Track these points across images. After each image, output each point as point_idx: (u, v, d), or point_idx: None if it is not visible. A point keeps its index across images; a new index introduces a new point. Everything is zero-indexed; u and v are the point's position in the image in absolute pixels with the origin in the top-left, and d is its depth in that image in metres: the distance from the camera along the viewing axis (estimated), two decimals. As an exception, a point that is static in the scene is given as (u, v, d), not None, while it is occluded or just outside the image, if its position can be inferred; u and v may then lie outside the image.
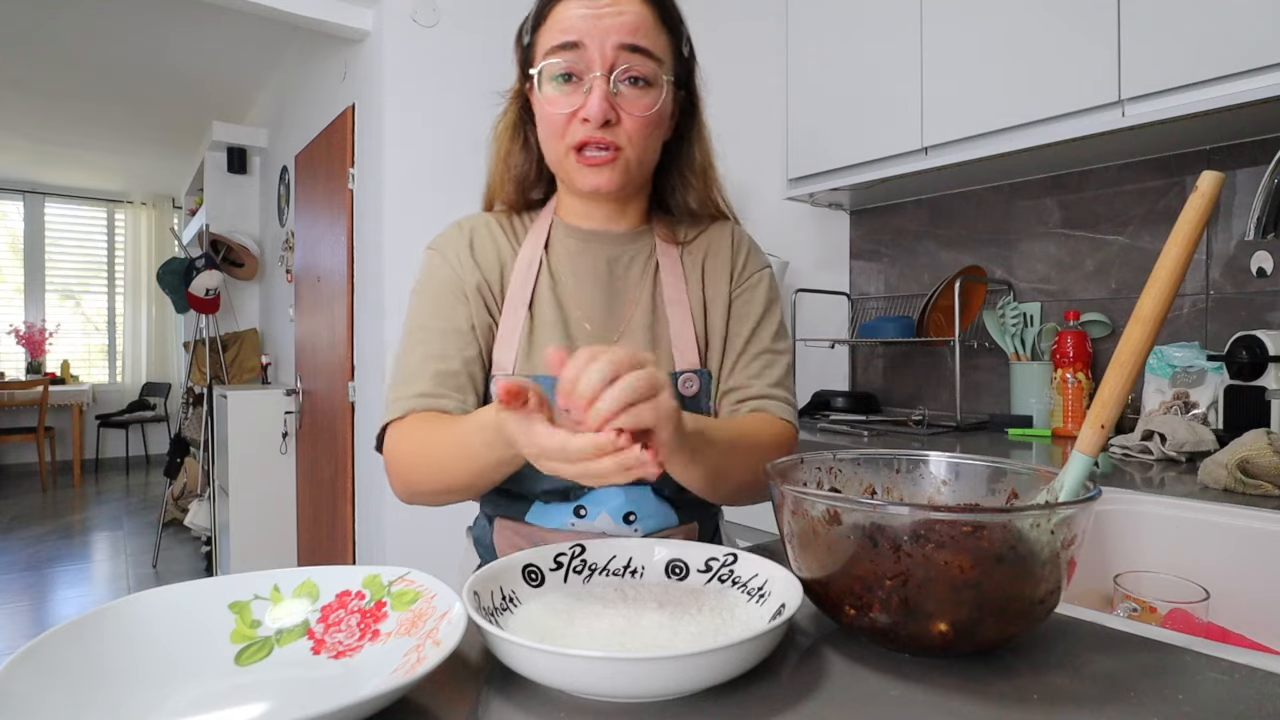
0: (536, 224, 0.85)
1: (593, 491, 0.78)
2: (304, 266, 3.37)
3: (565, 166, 0.77)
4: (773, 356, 0.85)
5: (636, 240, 0.84)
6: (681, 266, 0.85)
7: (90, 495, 5.56)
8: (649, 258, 0.84)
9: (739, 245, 0.88)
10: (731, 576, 0.57)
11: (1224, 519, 0.89)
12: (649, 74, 0.73)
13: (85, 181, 6.58)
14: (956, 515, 0.44)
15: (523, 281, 0.81)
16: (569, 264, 0.82)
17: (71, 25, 3.58)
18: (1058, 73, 1.43)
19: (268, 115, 4.33)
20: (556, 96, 0.73)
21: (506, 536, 0.82)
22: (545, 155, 0.80)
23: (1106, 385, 0.47)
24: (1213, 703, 0.40)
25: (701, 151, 0.85)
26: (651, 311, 0.82)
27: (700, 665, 0.39)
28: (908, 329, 1.94)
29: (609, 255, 0.83)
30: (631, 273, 0.83)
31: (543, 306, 0.80)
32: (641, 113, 0.74)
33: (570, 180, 0.77)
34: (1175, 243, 0.44)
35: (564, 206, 0.85)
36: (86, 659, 0.42)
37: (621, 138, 0.74)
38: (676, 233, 0.86)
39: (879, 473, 0.62)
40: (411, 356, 0.78)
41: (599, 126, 0.72)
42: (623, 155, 0.75)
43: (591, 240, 0.83)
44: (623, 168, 0.75)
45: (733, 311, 0.85)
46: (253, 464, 3.29)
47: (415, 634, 0.46)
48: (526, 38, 0.78)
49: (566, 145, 0.75)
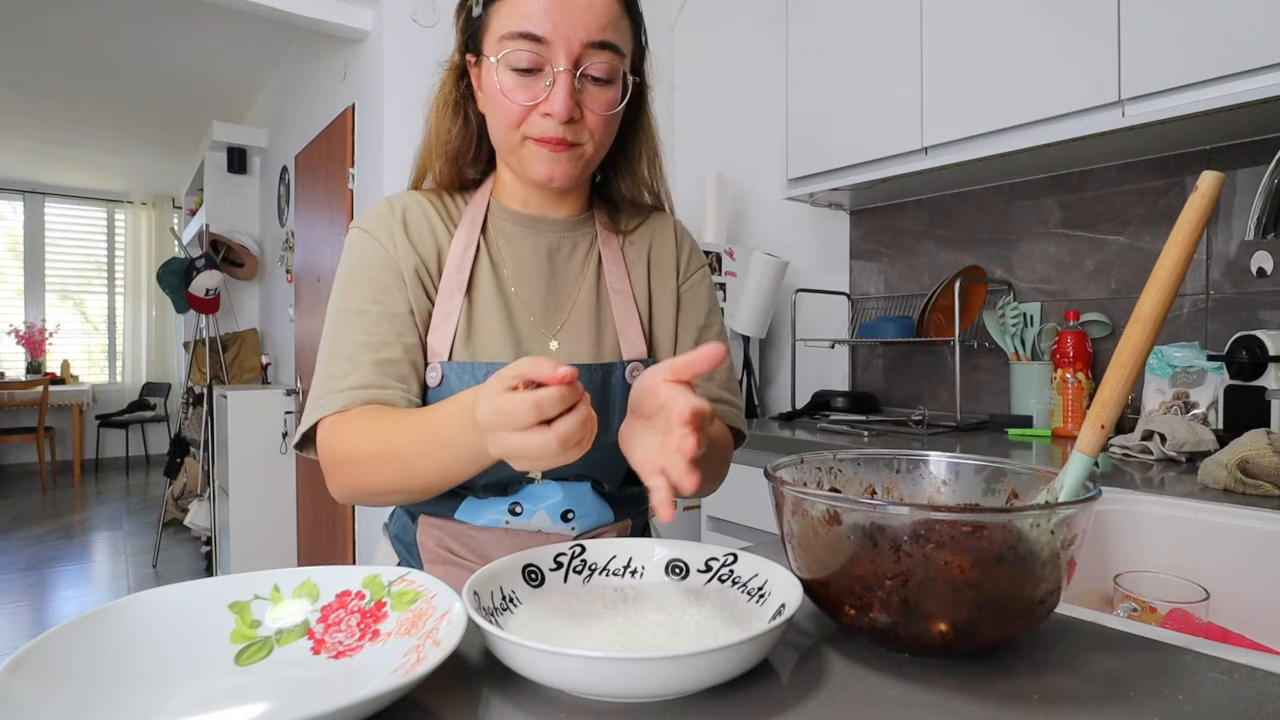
0: (472, 205, 0.80)
1: (528, 487, 0.75)
2: (304, 266, 3.37)
3: (519, 155, 0.73)
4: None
5: (577, 228, 0.82)
6: (623, 256, 0.83)
7: (90, 495, 5.56)
8: (590, 246, 0.82)
9: (682, 239, 0.88)
10: (731, 576, 0.57)
11: (1224, 519, 0.89)
12: (614, 71, 0.70)
13: (85, 181, 6.58)
14: (956, 515, 0.44)
15: (458, 264, 0.76)
16: (509, 249, 0.79)
17: (71, 25, 3.58)
18: (1058, 73, 1.43)
19: (268, 115, 4.32)
20: (515, 87, 0.69)
21: (432, 534, 0.77)
22: (494, 140, 0.76)
23: (1106, 385, 0.47)
24: (1213, 703, 0.40)
25: (648, 140, 0.83)
26: (595, 300, 0.80)
27: (700, 665, 0.39)
28: (908, 329, 1.94)
29: (550, 242, 0.80)
30: (573, 261, 0.81)
31: (482, 291, 0.77)
32: (604, 110, 0.71)
33: (522, 168, 0.74)
34: (1175, 243, 0.44)
35: (503, 189, 0.81)
36: (86, 659, 0.42)
37: (583, 134, 0.71)
38: (618, 222, 0.85)
39: (879, 473, 0.62)
40: (344, 344, 0.72)
41: (562, 124, 0.69)
42: (581, 149, 0.72)
43: (532, 226, 0.80)
44: (579, 159, 0.73)
45: (680, 306, 0.85)
46: (253, 464, 3.29)
47: (415, 634, 0.46)
48: (477, 9, 0.72)
49: (522, 135, 0.71)
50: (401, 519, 0.83)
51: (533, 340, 0.77)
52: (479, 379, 0.71)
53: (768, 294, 2.13)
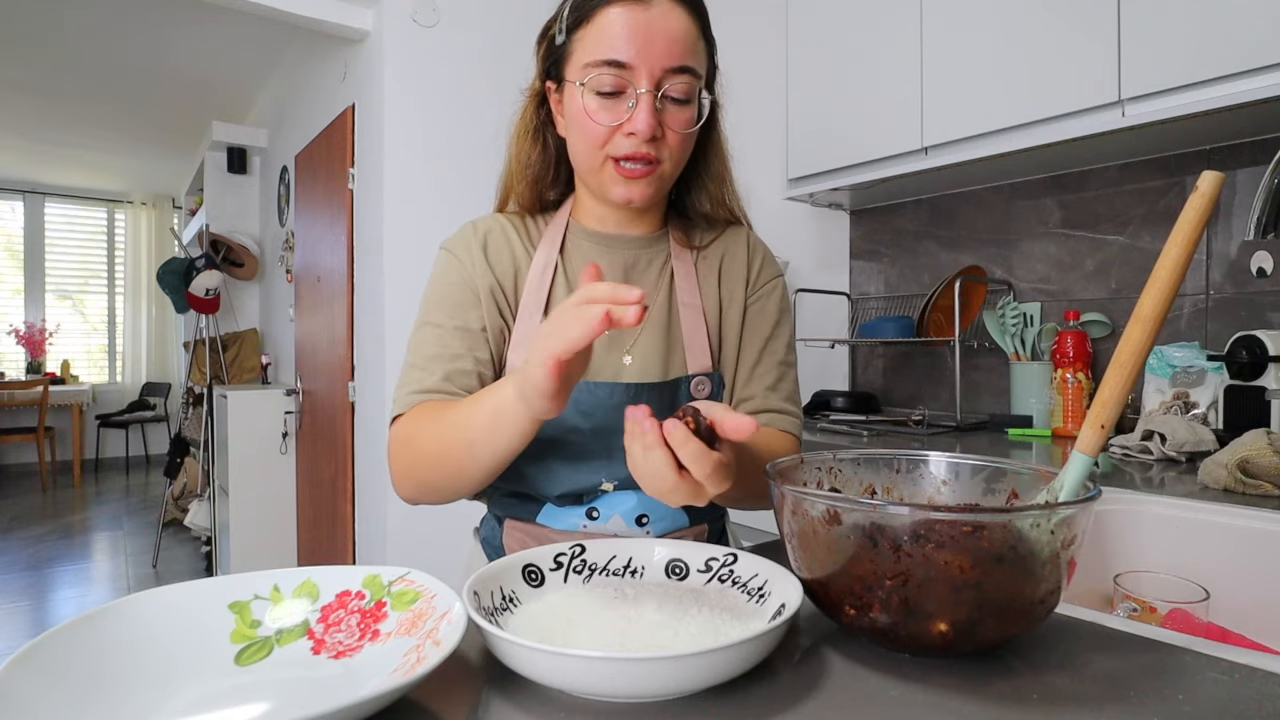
0: (551, 227, 0.83)
1: (604, 496, 0.78)
2: (304, 266, 3.37)
3: (601, 176, 0.76)
4: (785, 369, 0.87)
5: (653, 244, 0.84)
6: (695, 271, 0.85)
7: (90, 495, 5.56)
8: (665, 262, 0.84)
9: (754, 251, 0.89)
10: (731, 576, 0.57)
11: (1224, 519, 0.89)
12: (691, 92, 0.73)
13: (85, 181, 6.58)
14: (956, 515, 0.44)
15: (537, 285, 0.80)
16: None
17: (71, 25, 3.57)
18: (1058, 73, 1.43)
19: (268, 115, 4.32)
20: (599, 109, 0.72)
21: (516, 537, 0.81)
22: (575, 162, 0.79)
23: (1106, 385, 0.47)
24: (1213, 703, 0.40)
25: (719, 157, 0.85)
26: (667, 314, 0.82)
27: (700, 665, 0.39)
28: (908, 329, 1.94)
29: (626, 259, 0.83)
30: (648, 276, 0.83)
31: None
32: (683, 129, 0.74)
33: (603, 189, 0.77)
34: (1175, 243, 0.44)
35: (581, 209, 0.84)
36: (86, 659, 0.42)
37: (664, 152, 0.74)
38: (692, 237, 0.87)
39: (879, 473, 0.62)
40: (420, 354, 0.77)
41: (645, 142, 0.72)
42: (660, 169, 0.75)
43: (609, 244, 0.83)
44: (658, 181, 0.76)
45: (747, 317, 0.86)
46: (253, 464, 3.29)
47: (415, 634, 0.46)
48: (560, 37, 0.75)
49: (605, 155, 0.74)
50: (490, 523, 0.87)
51: (608, 355, 0.79)
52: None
53: (768, 294, 2.12)
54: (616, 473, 0.77)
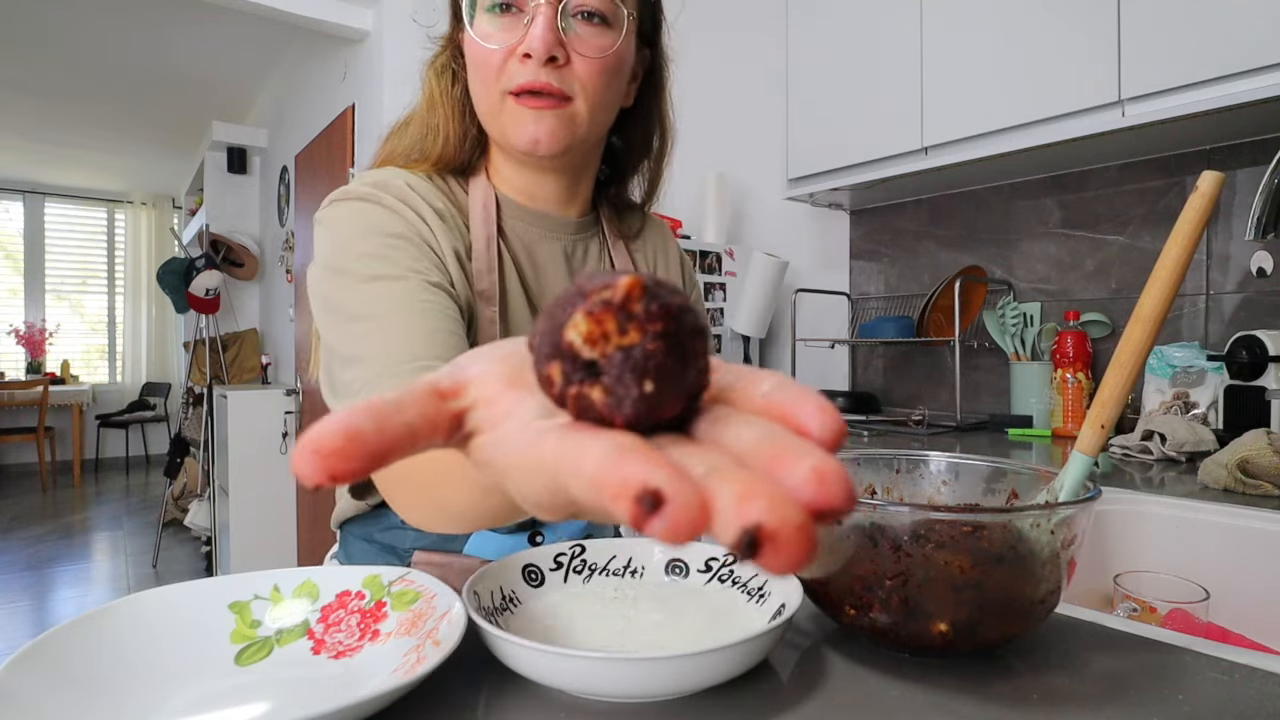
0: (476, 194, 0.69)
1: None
2: (304, 266, 3.37)
3: (500, 120, 0.63)
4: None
5: (586, 230, 0.75)
6: (633, 264, 0.77)
7: (90, 495, 5.56)
8: (600, 251, 0.76)
9: (683, 257, 0.86)
10: (731, 576, 0.57)
11: (1224, 519, 0.89)
12: (606, 9, 0.61)
13: (85, 181, 6.58)
14: (956, 515, 0.44)
15: (486, 266, 0.66)
16: (524, 252, 0.71)
17: (71, 25, 3.57)
18: (1058, 73, 1.43)
19: (268, 115, 4.32)
20: (491, 31, 0.60)
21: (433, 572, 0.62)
22: (478, 109, 0.66)
23: (1106, 385, 0.47)
24: (1213, 703, 0.40)
25: (662, 131, 0.74)
26: None
27: (700, 665, 0.39)
28: (908, 329, 1.94)
29: (565, 246, 0.73)
30: (588, 265, 0.75)
31: (513, 298, 0.68)
32: (596, 53, 0.61)
33: (504, 133, 0.64)
34: (1175, 243, 0.44)
35: (499, 177, 0.71)
36: (86, 659, 0.42)
37: (571, 83, 0.61)
38: (622, 228, 0.79)
39: (879, 473, 0.62)
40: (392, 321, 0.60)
41: (543, 64, 0.59)
42: (571, 105, 0.62)
43: (547, 227, 0.72)
44: (569, 120, 0.62)
45: None
46: (253, 464, 3.29)
47: (415, 634, 0.46)
48: None
49: (501, 90, 0.62)
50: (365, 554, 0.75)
51: None
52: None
53: (768, 294, 2.13)
54: None
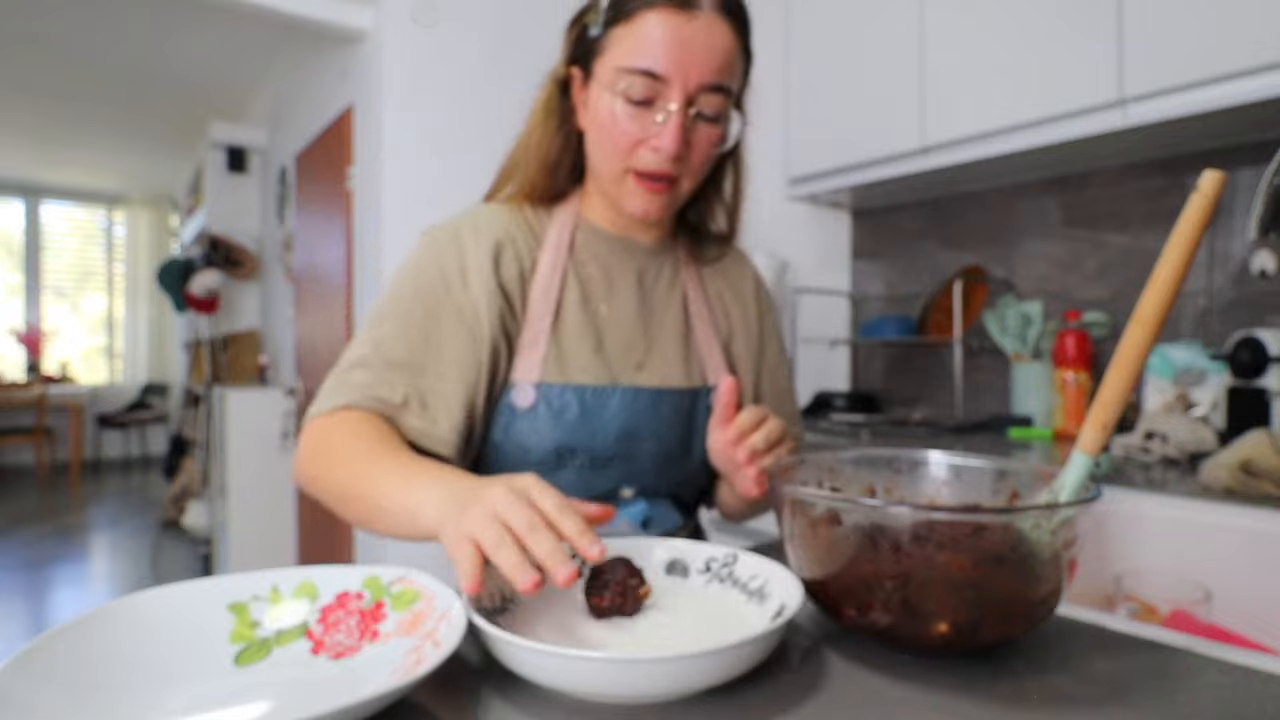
0: (556, 222, 0.79)
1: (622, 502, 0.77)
2: (303, 266, 3.37)
3: (621, 187, 0.73)
4: (789, 394, 0.91)
5: (662, 254, 0.83)
6: (704, 288, 0.85)
7: (89, 496, 5.55)
8: (675, 273, 0.84)
9: (759, 286, 0.91)
10: (731, 577, 0.57)
11: (1225, 519, 0.89)
12: (722, 109, 0.71)
13: (84, 181, 6.57)
14: (957, 516, 0.43)
15: (546, 287, 0.76)
16: (598, 269, 0.79)
17: (71, 25, 3.57)
18: (1059, 73, 1.43)
19: (267, 115, 4.32)
20: (627, 119, 0.69)
21: None
22: (594, 164, 0.76)
23: (1107, 385, 0.47)
24: (1214, 704, 0.40)
25: (738, 174, 0.83)
26: (683, 327, 0.82)
27: (700, 665, 0.39)
28: (908, 329, 1.94)
29: (639, 266, 0.81)
30: (659, 286, 0.82)
31: (570, 313, 0.76)
32: (709, 147, 0.72)
33: (619, 199, 0.74)
34: (1176, 243, 0.44)
35: (590, 207, 0.81)
36: (85, 660, 0.42)
37: (685, 170, 0.72)
38: (700, 251, 0.86)
39: (879, 473, 0.62)
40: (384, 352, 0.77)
41: (669, 160, 0.70)
42: (679, 185, 0.73)
43: (624, 248, 0.80)
44: (675, 197, 0.74)
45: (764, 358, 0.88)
46: (252, 464, 3.29)
47: (415, 634, 0.46)
48: (596, 29, 0.71)
49: (627, 167, 0.72)
50: None
51: (621, 362, 0.77)
52: (570, 400, 0.73)
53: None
54: (636, 479, 0.76)
